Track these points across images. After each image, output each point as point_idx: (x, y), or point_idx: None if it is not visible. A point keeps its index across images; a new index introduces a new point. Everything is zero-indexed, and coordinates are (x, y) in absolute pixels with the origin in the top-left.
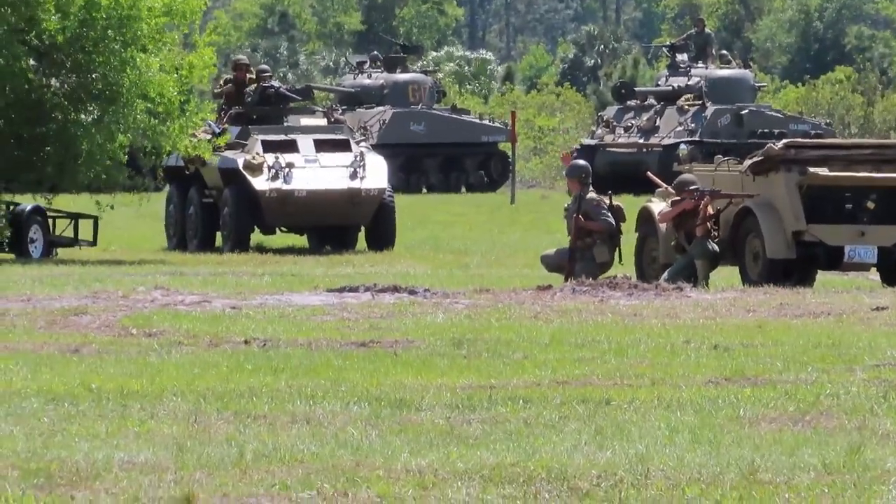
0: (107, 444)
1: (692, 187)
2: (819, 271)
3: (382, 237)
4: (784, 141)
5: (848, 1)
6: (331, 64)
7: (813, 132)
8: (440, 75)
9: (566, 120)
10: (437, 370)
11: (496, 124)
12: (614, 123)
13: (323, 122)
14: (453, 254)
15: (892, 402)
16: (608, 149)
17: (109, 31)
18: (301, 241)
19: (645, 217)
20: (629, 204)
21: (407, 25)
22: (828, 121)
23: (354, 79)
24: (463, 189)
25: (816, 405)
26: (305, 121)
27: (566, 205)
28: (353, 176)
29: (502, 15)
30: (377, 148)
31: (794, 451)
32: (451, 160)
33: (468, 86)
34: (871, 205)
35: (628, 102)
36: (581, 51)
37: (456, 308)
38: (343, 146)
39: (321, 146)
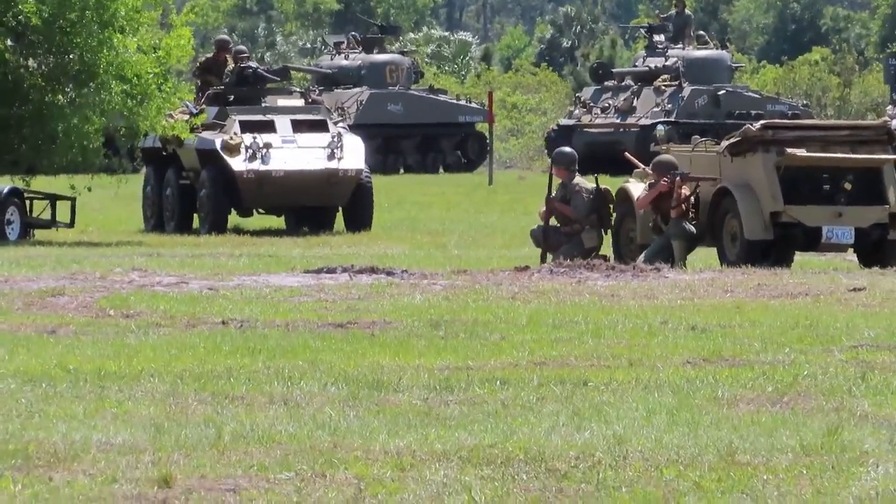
0: (84, 425)
1: (667, 169)
2: (797, 252)
3: (360, 218)
4: (761, 122)
5: None
6: (308, 45)
7: (790, 113)
8: (417, 57)
9: (544, 100)
10: (415, 351)
11: (473, 105)
12: (591, 104)
13: (300, 102)
14: (431, 235)
15: (869, 383)
16: (585, 129)
17: (87, 12)
18: (278, 222)
19: (622, 198)
20: (606, 185)
21: (384, 6)
22: (805, 102)
23: (332, 59)
24: (440, 170)
25: (794, 386)
26: (283, 101)
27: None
28: (331, 156)
29: None
30: (354, 129)
31: (773, 432)
32: (429, 141)
33: (446, 67)
34: (848, 186)
35: (605, 83)
36: (558, 31)
37: (433, 289)
38: (320, 127)
39: (299, 127)
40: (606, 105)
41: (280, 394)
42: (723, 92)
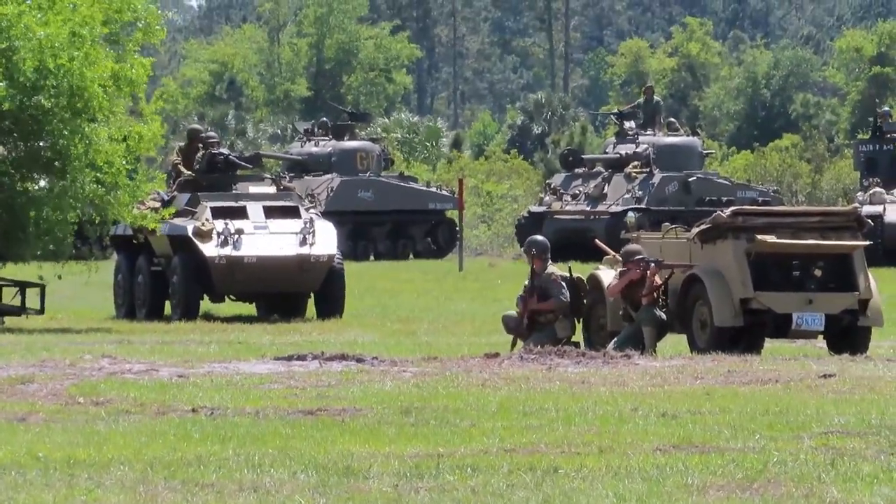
0: None
1: (638, 257)
2: (767, 338)
3: (332, 304)
4: (731, 208)
5: (794, 68)
6: (279, 131)
7: (760, 200)
8: (386, 143)
9: (514, 187)
10: (385, 438)
11: (444, 192)
12: (562, 191)
13: (272, 189)
14: (401, 322)
15: (839, 470)
16: (556, 216)
17: (60, 99)
18: (249, 309)
19: (593, 285)
20: (577, 272)
21: (354, 93)
22: (775, 188)
23: (302, 146)
24: (411, 256)
25: (764, 473)
26: (254, 188)
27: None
28: (303, 242)
29: (450, 82)
30: (325, 215)
31: None
32: (399, 228)
33: (416, 154)
34: (818, 272)
35: (576, 170)
36: (529, 118)
37: (404, 376)
38: (292, 213)
39: (270, 213)
40: (577, 192)
41: (250, 481)
42: (693, 178)
